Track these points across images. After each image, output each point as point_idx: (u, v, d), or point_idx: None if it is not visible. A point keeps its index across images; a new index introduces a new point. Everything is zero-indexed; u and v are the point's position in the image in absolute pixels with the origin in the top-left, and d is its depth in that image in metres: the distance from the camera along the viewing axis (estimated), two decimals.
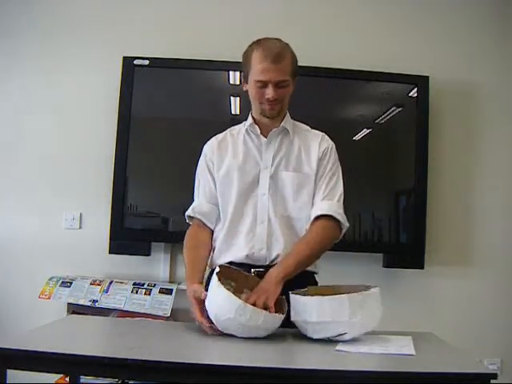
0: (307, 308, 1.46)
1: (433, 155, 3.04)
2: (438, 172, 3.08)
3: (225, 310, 1.45)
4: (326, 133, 1.90)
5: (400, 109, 3.06)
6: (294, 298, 1.52)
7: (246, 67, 1.75)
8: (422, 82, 3.03)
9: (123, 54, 2.99)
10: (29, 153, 3.09)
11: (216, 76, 3.07)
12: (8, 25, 3.12)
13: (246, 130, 1.82)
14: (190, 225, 1.86)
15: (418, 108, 3.03)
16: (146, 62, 2.98)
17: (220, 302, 1.47)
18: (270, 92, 1.69)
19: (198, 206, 1.83)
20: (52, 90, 3.10)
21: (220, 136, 1.89)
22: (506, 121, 3.17)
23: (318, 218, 1.73)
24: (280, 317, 1.49)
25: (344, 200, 1.80)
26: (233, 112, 3.03)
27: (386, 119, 3.06)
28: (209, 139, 1.90)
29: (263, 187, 1.77)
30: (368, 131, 3.07)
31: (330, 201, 1.76)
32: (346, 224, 1.76)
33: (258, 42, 1.74)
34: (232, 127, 1.91)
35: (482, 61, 3.17)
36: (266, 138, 1.80)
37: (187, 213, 1.85)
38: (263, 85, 1.69)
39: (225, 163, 1.81)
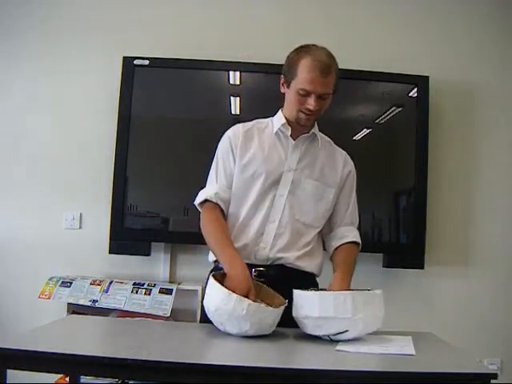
0: (310, 303, 1.47)
1: (433, 155, 3.04)
2: (437, 172, 3.08)
3: (212, 301, 1.49)
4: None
5: (400, 109, 3.06)
6: (297, 294, 1.53)
7: (291, 73, 1.70)
8: (422, 82, 3.03)
9: (123, 54, 2.99)
10: (29, 153, 3.09)
11: (216, 76, 3.07)
12: (8, 25, 3.12)
13: (277, 129, 1.79)
14: (200, 207, 1.81)
15: (418, 108, 3.03)
16: (146, 62, 2.98)
17: (208, 291, 1.53)
18: (312, 103, 1.67)
19: (220, 193, 1.77)
20: (52, 89, 3.10)
21: (247, 125, 1.85)
22: (506, 121, 3.17)
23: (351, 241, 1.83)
24: (265, 307, 1.49)
25: None
26: (233, 112, 3.03)
27: (386, 119, 3.06)
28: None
29: (283, 188, 1.76)
30: (368, 131, 3.07)
31: (354, 226, 1.88)
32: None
33: (306, 50, 1.70)
34: (259, 120, 1.87)
35: (482, 61, 3.16)
36: (293, 139, 1.79)
37: (207, 196, 1.77)
38: (306, 94, 1.68)
39: (249, 155, 1.78)
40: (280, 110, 1.83)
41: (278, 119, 1.81)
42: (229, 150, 1.80)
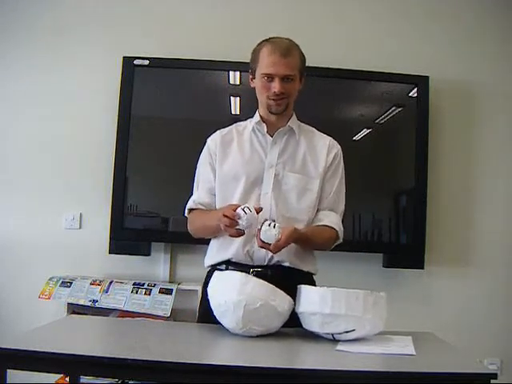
0: (321, 299, 1.46)
1: (433, 155, 3.04)
2: (437, 172, 3.08)
3: (256, 297, 1.46)
4: (325, 133, 1.90)
5: (400, 109, 3.06)
6: (306, 289, 1.52)
7: (254, 63, 1.75)
8: (422, 82, 3.03)
9: (123, 54, 2.99)
10: (29, 153, 3.09)
11: (216, 76, 3.07)
12: (7, 24, 3.12)
13: (253, 127, 1.82)
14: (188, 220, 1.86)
15: (418, 108, 3.03)
16: (146, 62, 2.98)
17: (250, 289, 1.48)
18: (276, 85, 1.69)
19: (199, 198, 1.83)
20: (52, 90, 3.10)
21: (225, 130, 1.88)
22: (506, 121, 3.17)
23: (325, 225, 1.77)
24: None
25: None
26: (233, 112, 3.03)
27: (386, 119, 3.06)
28: (213, 133, 1.90)
29: (267, 186, 1.76)
30: (368, 131, 3.07)
31: (336, 213, 1.82)
32: (340, 240, 1.83)
33: (267, 40, 1.75)
34: (238, 123, 1.90)
35: (482, 61, 3.16)
36: (271, 136, 1.80)
37: (188, 205, 1.84)
38: (270, 79, 1.70)
39: (229, 158, 1.80)
40: (256, 111, 1.84)
41: (254, 118, 1.83)
42: (207, 159, 1.84)
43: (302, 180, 1.78)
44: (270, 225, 1.58)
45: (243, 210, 1.56)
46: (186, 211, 1.86)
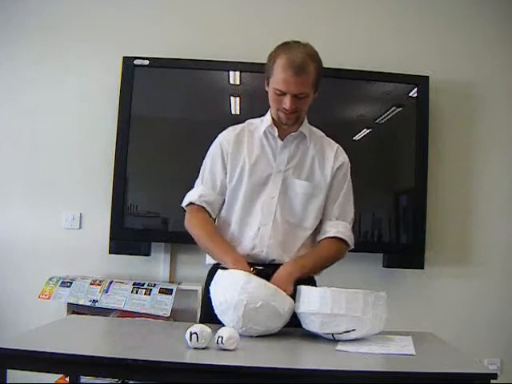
0: (322, 299, 1.46)
1: (433, 155, 3.04)
2: (437, 172, 3.08)
3: (257, 297, 1.47)
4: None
5: (400, 109, 3.06)
6: (306, 289, 1.52)
7: (269, 71, 1.71)
8: (422, 82, 3.03)
9: (123, 54, 2.99)
10: (29, 153, 3.09)
11: (216, 76, 3.07)
12: (6, 23, 3.12)
13: (264, 130, 1.79)
14: (185, 209, 1.82)
15: (418, 108, 3.04)
16: (146, 62, 2.98)
17: (251, 289, 1.49)
18: (287, 102, 1.67)
19: (204, 196, 1.78)
20: (52, 89, 3.10)
21: (238, 128, 1.84)
22: (506, 121, 3.17)
23: (333, 236, 1.77)
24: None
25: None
26: (233, 112, 3.03)
27: (386, 119, 3.06)
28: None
29: (274, 190, 1.76)
30: (368, 131, 3.07)
31: (343, 221, 1.80)
32: (352, 247, 1.83)
33: (284, 47, 1.70)
34: (250, 121, 1.87)
35: (483, 61, 3.16)
36: (282, 140, 1.78)
37: (191, 199, 1.79)
38: (282, 93, 1.67)
39: (239, 160, 1.78)
40: (268, 111, 1.82)
41: (266, 120, 1.81)
42: (218, 156, 1.81)
43: (309, 187, 1.77)
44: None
45: (191, 335, 1.36)
46: (186, 202, 1.80)
